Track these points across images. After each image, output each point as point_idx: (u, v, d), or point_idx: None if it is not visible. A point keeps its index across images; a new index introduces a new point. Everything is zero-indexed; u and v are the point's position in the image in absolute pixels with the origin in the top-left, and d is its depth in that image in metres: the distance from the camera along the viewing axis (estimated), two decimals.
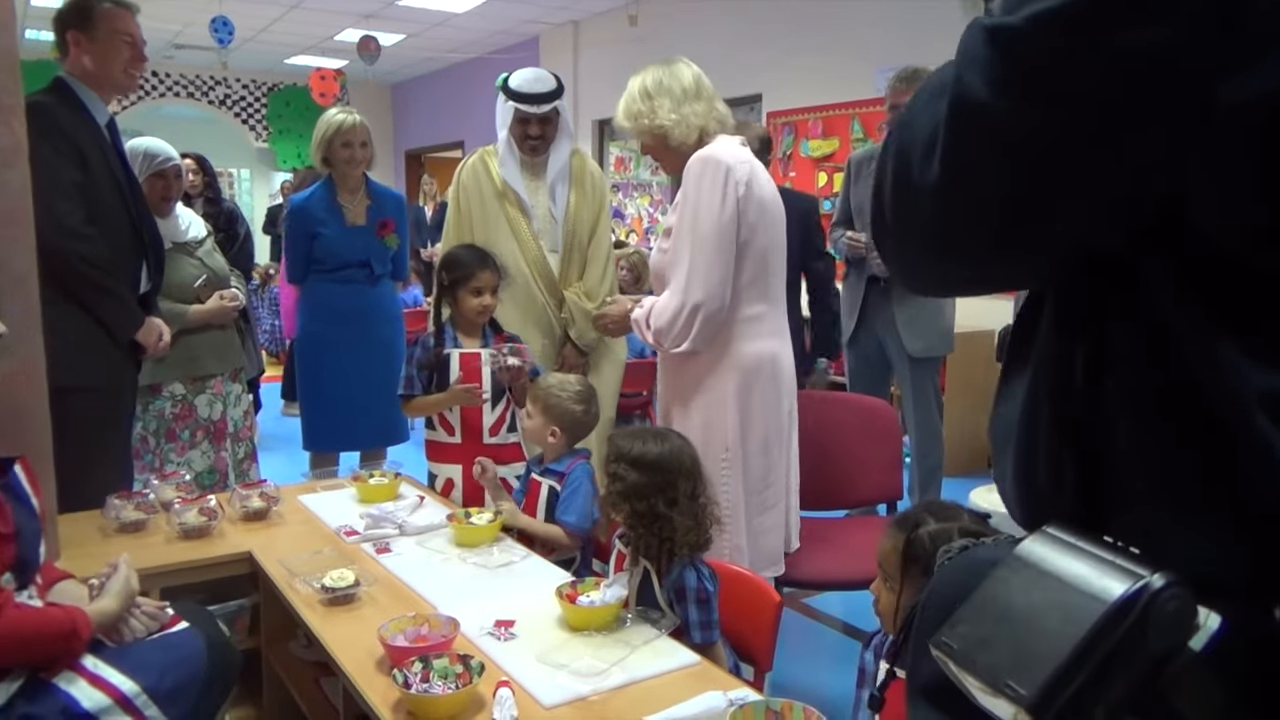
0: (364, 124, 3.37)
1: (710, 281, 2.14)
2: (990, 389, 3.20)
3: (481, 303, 2.65)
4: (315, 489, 2.62)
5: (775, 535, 2.30)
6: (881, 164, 0.73)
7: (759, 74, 6.38)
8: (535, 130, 2.93)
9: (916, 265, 0.73)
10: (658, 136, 2.28)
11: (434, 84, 10.61)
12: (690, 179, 2.19)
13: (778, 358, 2.29)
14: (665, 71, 2.30)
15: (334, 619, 1.77)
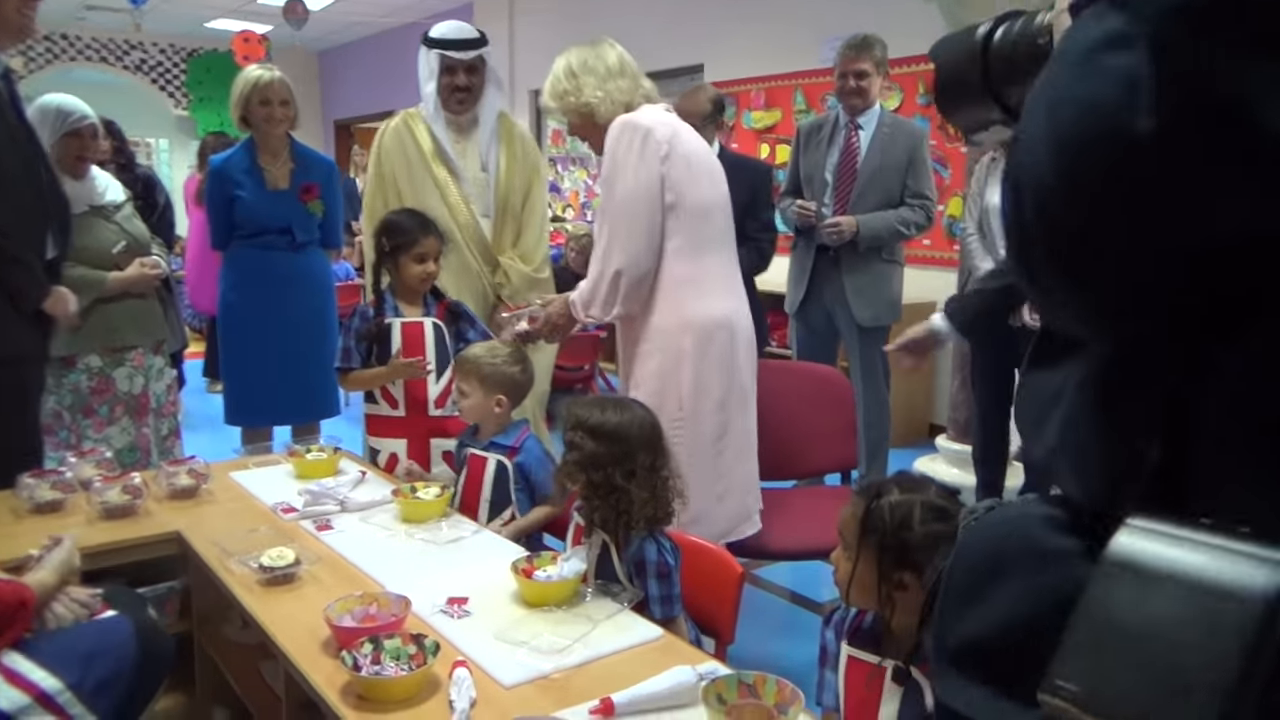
0: (284, 81, 3.21)
1: (630, 247, 2.15)
2: (934, 361, 3.22)
3: (425, 270, 2.55)
4: (248, 465, 2.48)
5: (734, 499, 2.27)
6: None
7: (700, 44, 6.30)
8: (463, 80, 2.84)
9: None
10: (584, 114, 2.30)
11: (364, 51, 10.29)
12: (609, 145, 2.21)
13: (734, 316, 2.26)
14: (590, 51, 2.32)
15: (273, 600, 1.67)
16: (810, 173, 3.66)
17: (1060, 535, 0.70)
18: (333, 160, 3.62)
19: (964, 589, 0.77)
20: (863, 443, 3.76)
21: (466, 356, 2.28)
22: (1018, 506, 0.78)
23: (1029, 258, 0.60)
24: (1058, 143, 0.56)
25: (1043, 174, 0.57)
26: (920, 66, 5.00)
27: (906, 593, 1.34)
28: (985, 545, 0.77)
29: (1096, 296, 0.57)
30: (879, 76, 3.57)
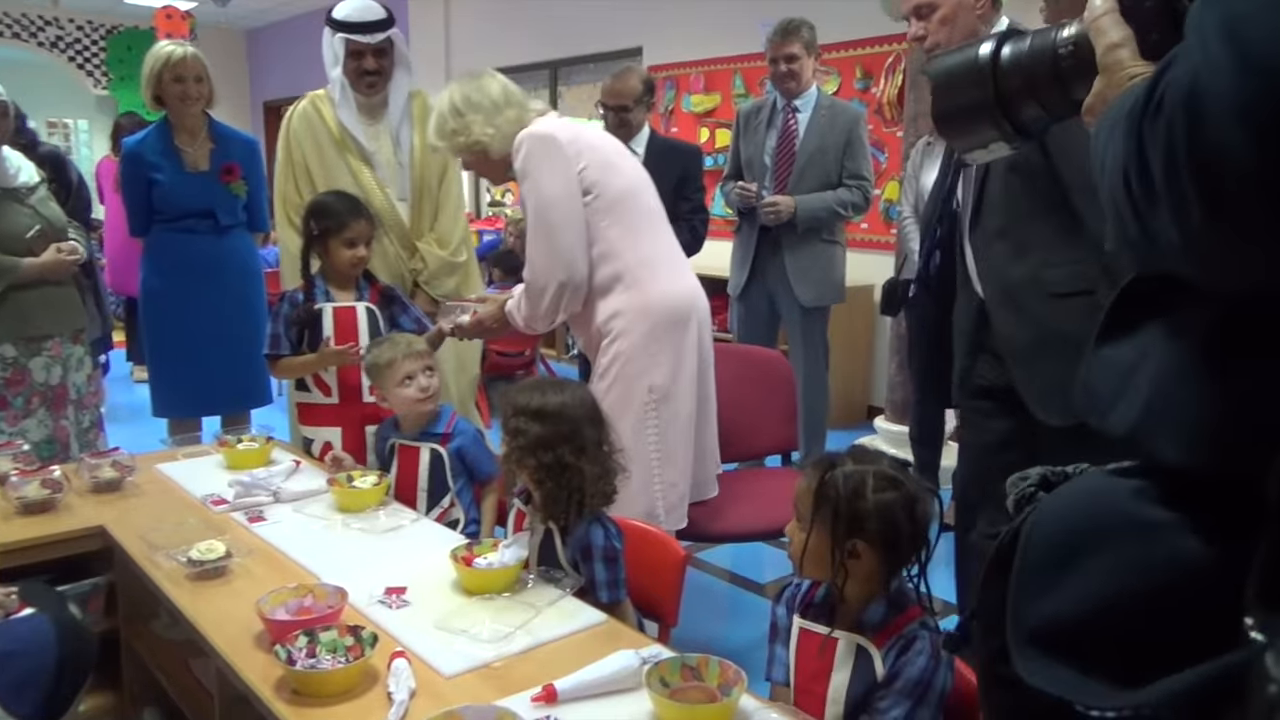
0: (198, 56, 3.08)
1: (566, 256, 2.14)
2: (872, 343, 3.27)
3: (355, 254, 2.48)
4: (176, 456, 2.40)
5: (705, 464, 2.34)
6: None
7: (639, 27, 6.27)
8: (371, 64, 2.75)
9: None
10: (477, 152, 2.27)
11: (294, 29, 10.00)
12: (519, 163, 2.19)
13: (693, 290, 2.29)
14: (472, 86, 2.26)
15: (203, 594, 1.61)
16: (750, 156, 3.68)
17: (1156, 507, 0.67)
18: (255, 139, 3.48)
19: (1048, 563, 0.73)
20: (803, 423, 3.81)
21: (412, 346, 2.23)
22: (1096, 478, 0.75)
23: (1221, 185, 0.53)
24: (1253, 58, 0.51)
25: (1241, 91, 0.51)
26: (857, 51, 5.04)
27: (859, 561, 1.37)
28: (1070, 517, 0.74)
29: None
30: (810, 58, 3.58)
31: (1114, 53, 0.73)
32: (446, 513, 2.16)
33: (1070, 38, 0.79)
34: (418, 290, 2.88)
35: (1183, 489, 0.65)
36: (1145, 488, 0.68)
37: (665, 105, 6.14)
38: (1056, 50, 0.80)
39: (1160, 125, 0.56)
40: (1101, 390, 0.73)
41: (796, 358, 3.73)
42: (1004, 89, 0.83)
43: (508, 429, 1.71)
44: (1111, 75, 0.73)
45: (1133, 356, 0.70)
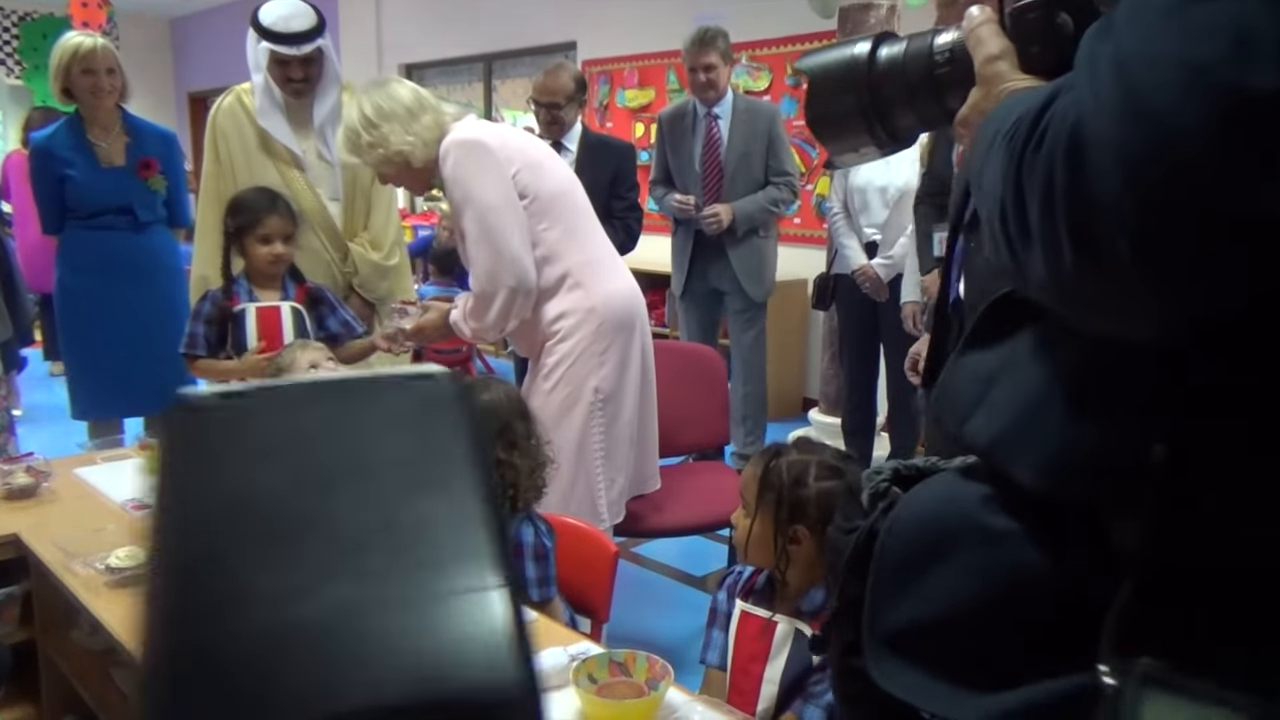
0: (108, 48, 2.99)
1: (514, 261, 2.10)
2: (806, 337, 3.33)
3: (272, 251, 2.41)
4: (95, 460, 2.33)
5: (647, 460, 2.37)
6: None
7: (573, 21, 6.25)
8: (297, 73, 2.65)
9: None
10: (397, 163, 2.18)
11: (220, 18, 9.74)
12: (447, 172, 2.13)
13: (633, 288, 2.30)
14: (381, 94, 2.17)
15: (122, 602, 1.57)
16: (680, 165, 3.77)
17: (1002, 516, 0.68)
18: (172, 133, 3.38)
19: (900, 567, 0.74)
20: (743, 415, 3.92)
21: (307, 344, 2.22)
22: (949, 481, 0.76)
23: (1095, 234, 0.52)
24: (1142, 107, 0.49)
25: (1125, 142, 0.49)
26: (788, 48, 5.10)
27: (800, 547, 1.42)
28: (922, 522, 0.75)
29: (1178, 277, 0.50)
30: (726, 66, 3.68)
31: (993, 65, 0.71)
32: None
33: (946, 45, 0.77)
34: (352, 293, 2.83)
35: (1028, 500, 0.65)
36: (992, 495, 0.69)
37: (600, 100, 6.14)
38: (933, 57, 0.78)
39: (1040, 162, 0.55)
40: (960, 396, 0.73)
41: (737, 351, 3.87)
42: (880, 94, 0.80)
43: None
44: (990, 87, 0.71)
45: (994, 366, 0.70)
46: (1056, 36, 0.68)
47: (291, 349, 2.22)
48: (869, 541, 0.78)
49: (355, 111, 2.18)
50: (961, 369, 0.74)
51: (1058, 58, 0.67)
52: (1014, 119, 0.60)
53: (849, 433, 3.71)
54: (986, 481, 0.70)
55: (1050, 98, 0.57)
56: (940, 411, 0.76)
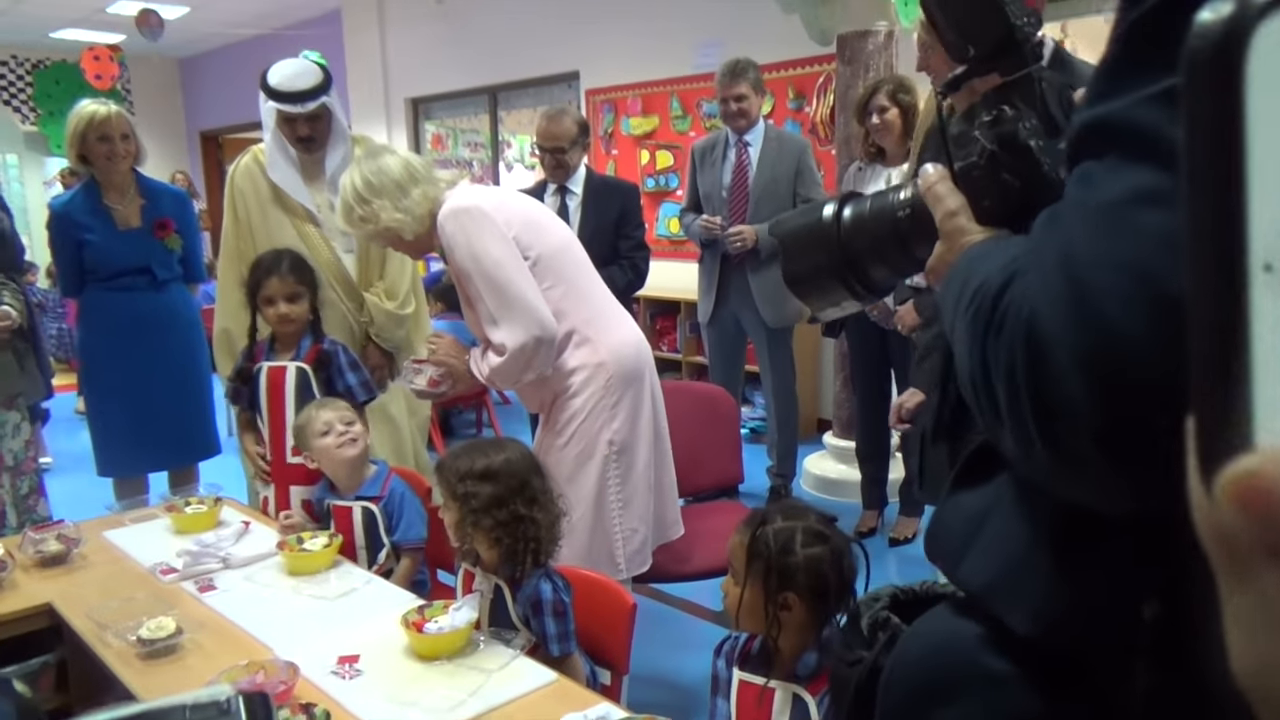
0: (122, 114, 3.05)
1: (533, 312, 2.10)
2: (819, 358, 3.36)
3: (276, 312, 2.48)
4: (123, 522, 2.39)
5: (667, 506, 2.40)
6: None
7: (575, 51, 6.31)
8: (304, 130, 2.74)
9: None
10: (389, 237, 2.21)
11: (230, 57, 9.88)
12: (448, 239, 2.15)
13: (639, 338, 2.32)
14: (371, 169, 2.18)
15: (155, 673, 1.62)
16: (708, 191, 3.86)
17: (1000, 658, 0.69)
18: (183, 191, 3.50)
19: (904, 710, 0.76)
20: (776, 437, 3.98)
21: (307, 430, 2.24)
22: (948, 620, 0.76)
23: (1053, 425, 0.53)
24: (1093, 312, 0.50)
25: (1080, 346, 0.51)
26: (790, 72, 5.14)
27: (791, 613, 1.44)
28: (922, 664, 0.76)
29: (1145, 471, 0.51)
30: (757, 96, 3.79)
31: (952, 220, 0.75)
32: (382, 567, 2.17)
33: (906, 200, 0.81)
34: (369, 342, 2.89)
35: (1026, 643, 0.66)
36: (991, 637, 0.70)
37: (604, 128, 6.19)
38: (895, 214, 0.81)
39: (1002, 349, 0.57)
40: (951, 537, 0.74)
41: (765, 376, 3.98)
42: (850, 250, 0.83)
43: (455, 496, 1.74)
44: (952, 241, 0.74)
45: (983, 506, 0.72)
46: (1004, 190, 0.71)
47: (310, 408, 2.26)
48: (872, 677, 0.80)
49: (349, 185, 2.20)
50: (952, 508, 0.76)
51: (1007, 210, 0.71)
52: (975, 287, 0.63)
53: (863, 458, 3.73)
54: (984, 621, 0.71)
55: (1009, 277, 0.59)
56: (933, 551, 0.76)
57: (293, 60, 2.81)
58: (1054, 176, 0.69)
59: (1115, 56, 0.54)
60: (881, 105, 3.28)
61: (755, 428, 4.89)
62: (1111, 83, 0.54)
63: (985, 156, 0.72)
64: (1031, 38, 0.76)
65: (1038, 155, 0.70)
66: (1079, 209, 0.54)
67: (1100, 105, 0.54)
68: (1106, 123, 0.53)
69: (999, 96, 0.74)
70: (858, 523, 3.73)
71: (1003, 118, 0.72)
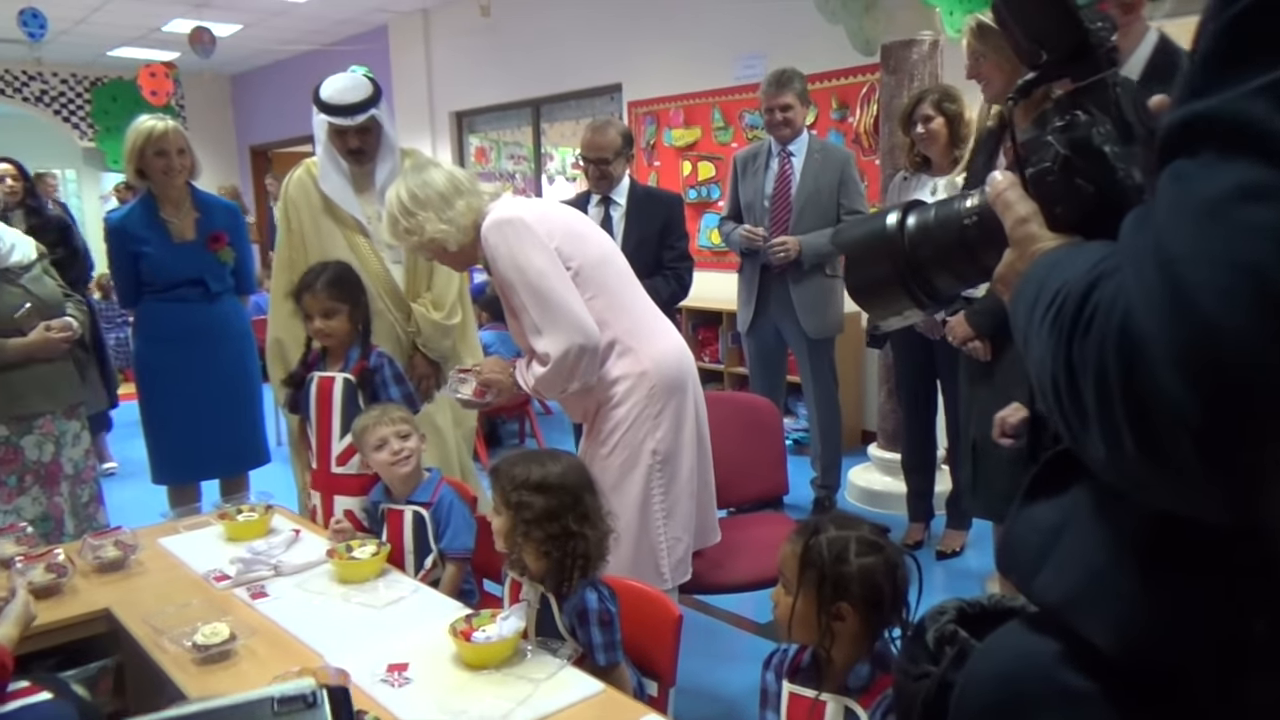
0: (179, 130, 3.13)
1: (576, 320, 2.12)
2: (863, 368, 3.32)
3: (314, 327, 2.55)
4: (177, 529, 2.43)
5: (703, 515, 2.38)
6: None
7: (618, 64, 6.35)
8: (354, 142, 2.81)
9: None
10: (434, 248, 2.25)
11: (279, 74, 10.09)
12: (491, 250, 2.17)
13: (681, 347, 2.32)
14: (416, 182, 2.21)
15: (209, 678, 1.65)
16: (750, 200, 3.87)
17: (1080, 675, 0.67)
18: (236, 205, 3.57)
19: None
20: (819, 448, 3.97)
21: (393, 408, 2.30)
22: (1021, 636, 0.75)
23: (1148, 425, 0.52)
24: (1193, 308, 0.49)
25: (1180, 343, 0.50)
26: (832, 82, 5.12)
27: (844, 624, 1.42)
28: (997, 682, 0.74)
29: (1245, 474, 0.50)
30: (802, 107, 3.81)
31: (1023, 227, 0.73)
32: (429, 574, 2.19)
33: (974, 208, 0.80)
34: (416, 351, 2.93)
35: (1105, 658, 0.65)
36: (1068, 652, 0.68)
37: (646, 140, 6.22)
38: (962, 221, 0.81)
39: (1090, 350, 0.56)
40: (1025, 550, 0.73)
41: (808, 386, 3.98)
42: (914, 259, 0.83)
43: (509, 504, 1.75)
44: (1023, 248, 0.73)
45: (1058, 519, 0.70)
46: (1077, 196, 0.70)
47: (371, 415, 2.29)
48: (941, 693, 0.78)
49: (394, 198, 2.23)
50: (1025, 521, 0.74)
51: (1080, 216, 0.70)
52: (1055, 291, 0.62)
53: (909, 470, 3.69)
54: (1060, 637, 0.69)
55: (1095, 278, 0.58)
56: (1007, 565, 0.75)
57: (344, 75, 2.87)
58: (1129, 182, 0.68)
59: (1211, 52, 0.53)
60: (927, 114, 3.26)
61: (799, 439, 4.86)
62: (1207, 79, 0.52)
63: (1058, 162, 0.71)
64: (1106, 42, 0.75)
65: (1112, 160, 0.69)
66: (1175, 207, 0.52)
67: (1196, 102, 0.53)
68: (1204, 118, 0.52)
69: (1072, 101, 0.74)
70: (904, 536, 3.68)
71: (1076, 123, 0.72)
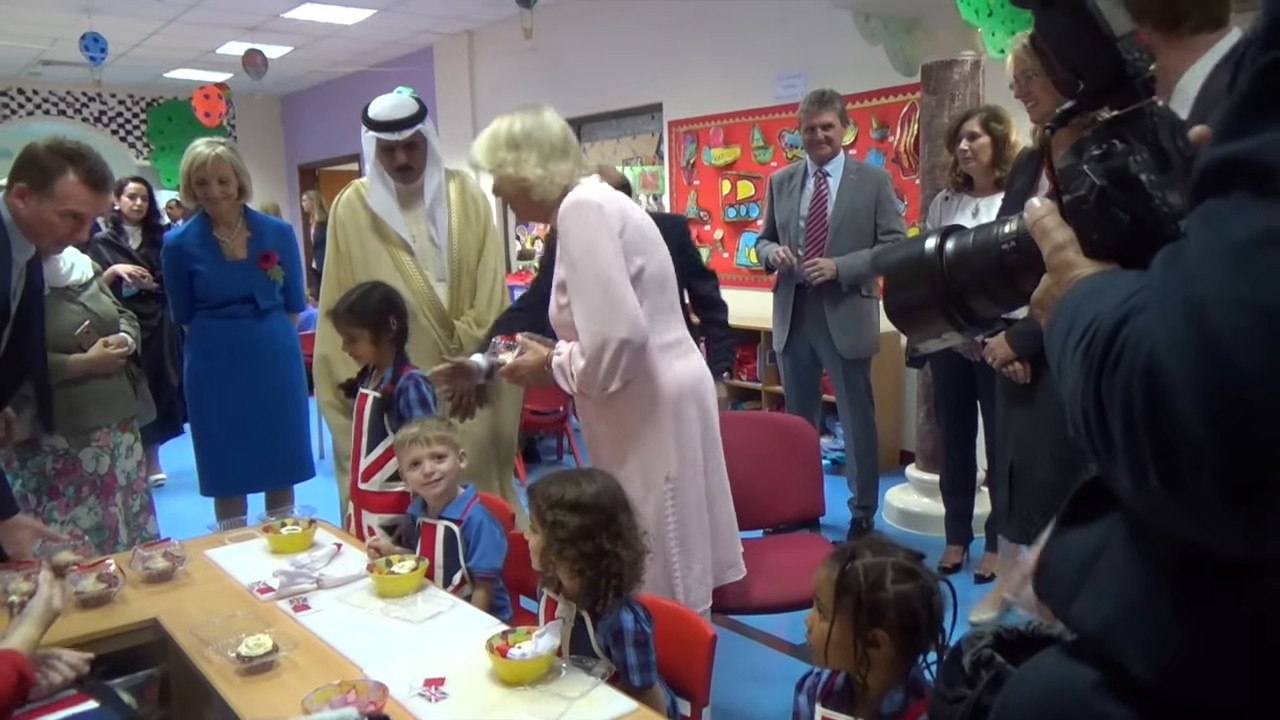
0: (220, 158, 3.20)
1: (626, 314, 2.10)
2: (902, 388, 3.27)
3: (349, 348, 2.64)
4: (223, 541, 2.49)
5: (722, 549, 2.35)
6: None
7: (658, 83, 6.41)
8: (401, 158, 2.88)
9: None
10: (519, 187, 2.21)
11: (327, 94, 10.31)
12: (568, 227, 2.16)
13: (700, 375, 2.31)
14: (535, 122, 2.19)
15: (252, 689, 1.68)
16: (785, 220, 3.90)
17: (1117, 704, 0.67)
18: (288, 224, 3.67)
19: None
20: (855, 468, 3.96)
21: (429, 425, 2.31)
22: (1058, 663, 0.74)
23: (1171, 462, 0.53)
24: (1218, 350, 0.50)
25: (1204, 384, 0.51)
26: (872, 102, 5.12)
27: (879, 650, 1.42)
28: (1034, 710, 0.75)
29: (1266, 512, 0.51)
30: (842, 126, 3.84)
31: (1060, 254, 0.75)
32: (457, 590, 2.21)
33: (1012, 234, 0.82)
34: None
35: (1142, 687, 0.65)
36: (1105, 681, 0.68)
37: (686, 159, 6.26)
38: (1000, 246, 0.83)
39: (1118, 386, 0.57)
40: (1062, 576, 0.73)
41: (843, 406, 3.99)
42: (953, 282, 0.85)
43: (544, 522, 1.77)
44: (1061, 275, 0.74)
45: (1093, 546, 0.71)
46: (1113, 224, 0.72)
47: (412, 428, 2.32)
48: (976, 717, 0.79)
49: (505, 126, 2.21)
50: (1061, 547, 0.75)
51: (1116, 244, 0.71)
52: (1088, 323, 0.63)
53: (948, 492, 3.65)
54: (1096, 664, 0.69)
55: (1125, 314, 0.59)
56: (1044, 591, 0.76)
57: (391, 95, 2.96)
58: (1165, 209, 0.69)
59: (1248, 94, 0.53)
60: (973, 131, 3.25)
61: (836, 458, 4.83)
62: (1244, 121, 0.53)
63: (1094, 191, 0.72)
64: (1143, 72, 0.76)
65: (1148, 188, 0.70)
66: (1203, 247, 0.53)
67: (1232, 143, 0.53)
68: (1237, 160, 0.53)
69: (1109, 131, 0.75)
70: (942, 558, 3.64)
71: (1113, 152, 0.73)
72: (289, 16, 7.21)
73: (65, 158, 2.35)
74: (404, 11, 7.26)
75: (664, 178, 6.60)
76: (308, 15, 7.21)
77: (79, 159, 2.36)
